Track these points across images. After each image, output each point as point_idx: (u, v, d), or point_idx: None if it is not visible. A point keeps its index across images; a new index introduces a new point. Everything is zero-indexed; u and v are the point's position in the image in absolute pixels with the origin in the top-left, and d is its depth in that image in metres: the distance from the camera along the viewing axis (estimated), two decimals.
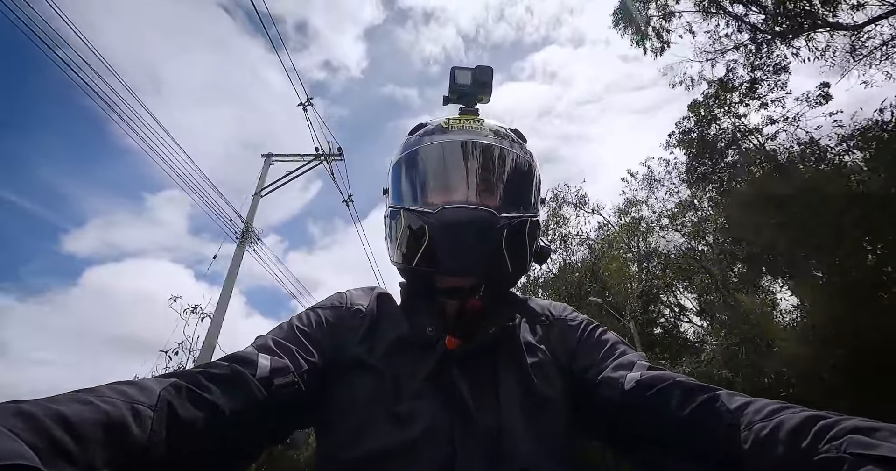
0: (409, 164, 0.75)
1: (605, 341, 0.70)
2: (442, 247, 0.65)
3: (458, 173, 0.71)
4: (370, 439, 0.57)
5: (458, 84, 0.83)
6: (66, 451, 0.36)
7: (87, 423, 0.38)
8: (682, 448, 0.54)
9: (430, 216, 0.65)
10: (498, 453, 0.56)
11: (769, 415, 0.47)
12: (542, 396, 0.63)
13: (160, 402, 0.46)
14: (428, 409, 0.59)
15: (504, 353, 0.67)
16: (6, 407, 0.36)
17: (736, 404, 0.51)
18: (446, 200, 0.67)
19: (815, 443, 0.41)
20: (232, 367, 0.55)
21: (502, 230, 0.65)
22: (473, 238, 0.64)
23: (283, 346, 0.62)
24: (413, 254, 0.67)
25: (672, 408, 0.55)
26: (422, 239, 0.66)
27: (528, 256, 0.70)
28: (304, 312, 0.72)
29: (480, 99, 0.85)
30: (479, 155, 0.71)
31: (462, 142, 0.72)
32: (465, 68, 0.83)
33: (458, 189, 0.69)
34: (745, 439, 0.47)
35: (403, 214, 0.70)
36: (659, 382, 0.58)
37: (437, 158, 0.73)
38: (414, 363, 0.64)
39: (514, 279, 0.75)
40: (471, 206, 0.66)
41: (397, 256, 0.72)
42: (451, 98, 0.85)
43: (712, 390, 0.55)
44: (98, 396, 0.42)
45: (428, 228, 0.65)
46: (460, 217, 0.64)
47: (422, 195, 0.72)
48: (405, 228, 0.69)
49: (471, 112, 0.82)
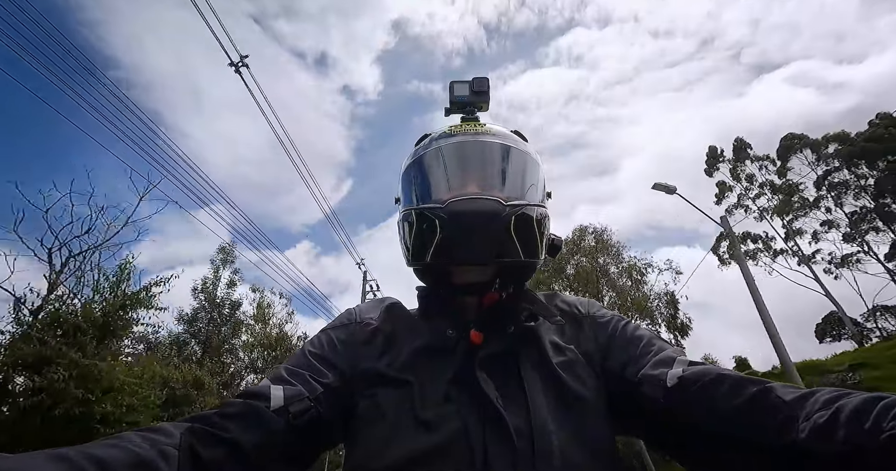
0: (417, 168, 0.79)
1: (639, 337, 0.69)
2: (453, 236, 0.66)
3: (463, 169, 0.75)
4: (399, 446, 0.57)
5: (456, 96, 0.89)
6: None
7: (120, 464, 0.42)
8: (736, 442, 0.51)
9: (439, 211, 0.67)
10: (531, 454, 0.55)
11: (827, 403, 0.46)
12: (573, 394, 0.62)
13: (182, 444, 0.48)
14: (456, 412, 0.59)
15: (528, 353, 0.67)
16: (45, 453, 0.40)
17: (791, 395, 0.49)
18: (454, 195, 0.70)
19: (878, 422, 0.40)
20: (245, 403, 0.57)
21: (509, 217, 0.66)
22: (482, 225, 0.65)
23: (296, 373, 0.64)
24: (427, 249, 0.68)
25: (721, 402, 0.53)
26: (434, 233, 0.67)
27: (540, 245, 0.70)
28: (316, 335, 0.75)
29: (479, 107, 0.90)
30: (482, 151, 0.76)
31: (464, 141, 0.77)
32: (462, 81, 0.90)
33: (464, 184, 0.73)
34: (802, 429, 0.45)
35: (415, 214, 0.71)
36: (704, 376, 0.57)
37: (443, 159, 0.76)
38: (437, 368, 0.64)
39: (529, 271, 0.75)
40: (476, 196, 0.68)
41: (412, 256, 0.73)
42: (451, 110, 0.91)
43: (763, 382, 0.53)
44: (126, 441, 0.46)
45: (438, 222, 0.67)
46: (468, 207, 0.66)
47: (431, 194, 0.75)
48: (418, 227, 0.70)
49: (472, 119, 0.87)
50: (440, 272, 0.73)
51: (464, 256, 0.67)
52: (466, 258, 0.67)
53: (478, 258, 0.67)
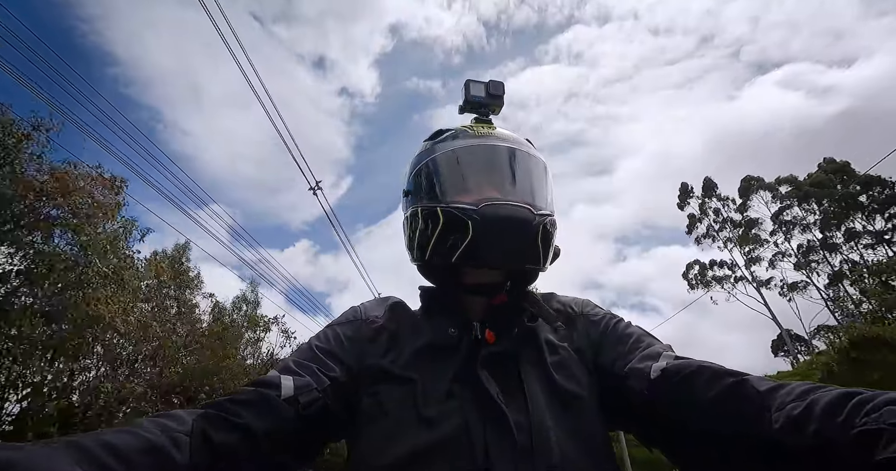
0: (441, 164, 0.77)
1: (629, 334, 0.71)
2: (486, 240, 0.66)
3: (497, 173, 0.75)
4: (402, 442, 0.58)
5: (473, 95, 0.89)
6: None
7: (133, 450, 0.43)
8: (714, 434, 0.53)
9: (473, 212, 0.67)
10: (531, 449, 0.56)
11: (801, 395, 0.47)
12: (568, 393, 0.64)
13: (194, 429, 0.50)
14: (458, 409, 0.60)
15: (527, 352, 0.68)
16: (61, 440, 0.41)
17: (766, 386, 0.51)
18: (485, 197, 0.69)
19: (851, 417, 0.41)
20: (257, 391, 0.58)
21: (539, 225, 0.68)
22: (517, 232, 0.67)
23: (304, 365, 0.65)
24: (454, 249, 0.68)
25: (700, 393, 0.55)
26: (464, 234, 0.67)
27: (551, 253, 0.73)
28: (322, 330, 0.76)
29: (493, 110, 0.91)
30: (512, 157, 0.76)
31: (495, 145, 0.77)
32: (478, 82, 0.90)
33: (498, 187, 0.72)
34: (775, 420, 0.46)
35: (441, 212, 0.70)
36: (685, 368, 0.58)
37: (473, 159, 0.76)
38: (439, 366, 0.66)
39: (536, 274, 0.78)
40: (514, 203, 0.68)
41: (429, 255, 0.72)
42: (465, 108, 0.91)
43: (741, 374, 0.54)
44: (139, 427, 0.47)
45: (472, 223, 0.66)
46: (505, 212, 0.67)
47: (460, 193, 0.73)
48: (443, 226, 0.70)
49: (485, 121, 0.87)
50: (454, 272, 0.75)
51: (495, 260, 0.68)
52: (497, 262, 0.69)
53: (509, 263, 0.69)
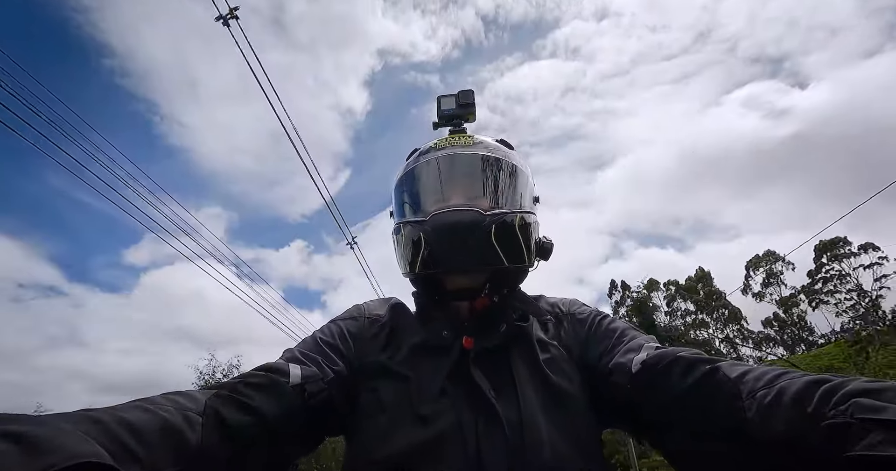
0: (405, 183, 0.82)
1: (613, 330, 0.72)
2: (437, 248, 0.70)
3: (446, 183, 0.77)
4: (397, 439, 0.60)
5: (443, 110, 0.92)
6: (133, 453, 0.40)
7: (149, 428, 0.43)
8: (686, 423, 0.54)
9: (424, 224, 0.71)
10: (522, 445, 0.57)
11: (770, 382, 0.48)
12: (559, 390, 0.65)
13: (207, 409, 0.51)
14: (451, 407, 0.62)
15: (518, 351, 0.70)
16: (79, 414, 0.41)
17: (737, 372, 0.52)
18: (435, 209, 0.73)
19: (820, 408, 0.41)
20: (268, 376, 0.60)
21: (490, 226, 0.69)
22: (463, 235, 0.68)
23: (310, 356, 0.67)
24: (415, 261, 0.72)
25: (677, 383, 0.55)
26: (420, 245, 0.71)
27: (525, 250, 0.73)
28: (326, 325, 0.78)
29: (466, 119, 0.92)
30: (463, 164, 0.78)
31: (445, 155, 0.78)
32: (448, 95, 0.92)
33: (447, 196, 0.75)
34: (748, 408, 0.47)
35: (403, 228, 0.75)
36: (664, 359, 0.59)
37: (427, 173, 0.80)
38: (434, 366, 0.67)
39: (518, 275, 0.79)
40: (458, 208, 0.71)
41: (404, 267, 0.77)
42: (440, 123, 0.93)
43: (715, 361, 0.55)
44: (154, 404, 0.47)
45: (423, 234, 0.70)
46: (449, 219, 0.69)
47: (417, 208, 0.78)
48: (407, 240, 0.74)
49: (459, 131, 0.89)
50: (432, 280, 0.77)
51: (449, 266, 0.71)
52: (451, 267, 0.71)
53: (461, 266, 0.71)
